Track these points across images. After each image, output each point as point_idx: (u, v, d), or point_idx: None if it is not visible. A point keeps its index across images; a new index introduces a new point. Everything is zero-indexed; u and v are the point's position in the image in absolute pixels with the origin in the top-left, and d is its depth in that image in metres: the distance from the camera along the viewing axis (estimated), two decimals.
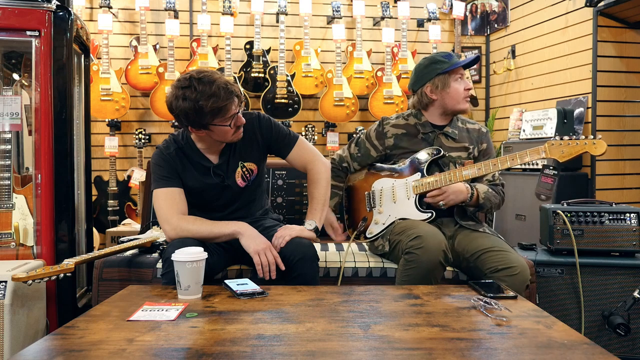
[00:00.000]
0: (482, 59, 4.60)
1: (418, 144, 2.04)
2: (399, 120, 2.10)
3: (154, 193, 1.78)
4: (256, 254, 1.66)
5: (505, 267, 1.72)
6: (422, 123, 2.06)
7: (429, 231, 1.77)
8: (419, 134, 2.05)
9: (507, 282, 1.66)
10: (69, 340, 1.09)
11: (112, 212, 3.89)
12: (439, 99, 2.01)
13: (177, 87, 1.68)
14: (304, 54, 4.07)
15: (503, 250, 1.78)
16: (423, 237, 1.74)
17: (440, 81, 1.98)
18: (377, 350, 1.03)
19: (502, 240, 1.88)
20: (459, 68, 1.99)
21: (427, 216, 1.94)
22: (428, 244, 1.72)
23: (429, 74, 2.00)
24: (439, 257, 1.71)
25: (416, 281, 1.71)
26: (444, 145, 2.02)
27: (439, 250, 1.72)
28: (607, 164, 3.33)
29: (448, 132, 2.04)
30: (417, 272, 1.72)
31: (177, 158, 1.82)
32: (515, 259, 1.74)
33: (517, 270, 1.71)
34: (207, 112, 1.64)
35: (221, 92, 1.65)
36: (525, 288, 1.75)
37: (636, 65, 3.37)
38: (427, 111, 2.07)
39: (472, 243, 1.86)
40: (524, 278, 1.72)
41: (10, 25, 2.05)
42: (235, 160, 1.86)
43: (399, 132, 2.07)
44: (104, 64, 3.83)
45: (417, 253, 1.72)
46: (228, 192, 1.86)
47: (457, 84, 1.99)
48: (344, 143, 4.25)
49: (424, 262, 1.70)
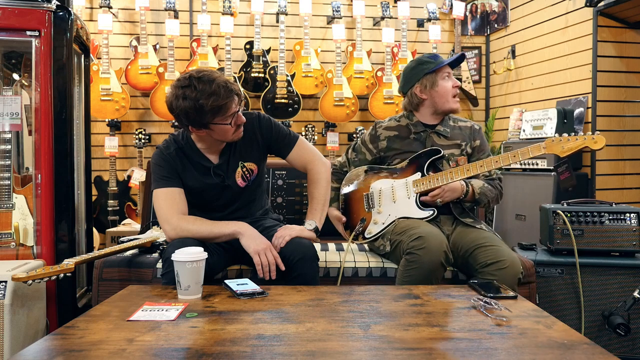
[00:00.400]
0: (482, 59, 4.60)
1: (410, 144, 2.07)
2: (391, 122, 2.14)
3: (154, 193, 1.78)
4: (256, 254, 1.66)
5: (494, 262, 1.72)
6: (413, 123, 2.09)
7: (431, 232, 1.78)
8: (411, 134, 2.08)
9: (497, 277, 1.67)
10: (69, 340, 1.09)
11: (112, 212, 3.89)
12: (428, 98, 2.05)
13: (177, 87, 1.68)
14: (304, 54, 4.07)
15: (493, 245, 1.79)
16: (425, 238, 1.74)
17: (429, 80, 2.03)
18: (377, 350, 1.03)
19: (496, 236, 1.88)
20: (445, 67, 2.05)
21: (428, 214, 1.95)
22: (430, 245, 1.72)
23: (417, 75, 2.05)
24: (440, 258, 1.71)
25: (417, 281, 1.71)
26: (436, 143, 2.05)
27: (441, 251, 1.72)
28: (607, 164, 3.33)
29: (440, 131, 2.07)
30: (418, 273, 1.72)
31: (177, 158, 1.82)
32: (504, 252, 1.74)
33: (506, 264, 1.71)
34: (207, 110, 1.64)
35: (221, 91, 1.65)
36: (518, 282, 1.74)
37: (636, 65, 3.37)
38: (418, 112, 2.11)
39: (466, 239, 1.87)
40: (514, 272, 1.71)
41: (10, 25, 2.05)
42: (235, 160, 1.86)
43: (391, 134, 2.10)
44: (104, 64, 3.83)
45: (418, 253, 1.72)
46: (228, 192, 1.87)
47: (444, 82, 2.04)
48: (344, 143, 4.25)
49: (425, 263, 1.71)
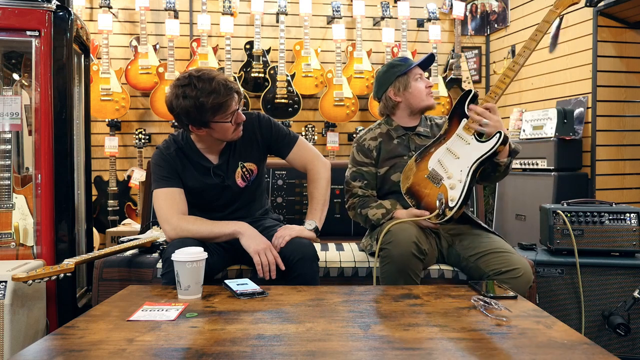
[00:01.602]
0: (482, 59, 4.60)
1: (396, 148, 2.06)
2: (371, 133, 2.12)
3: (154, 193, 1.78)
4: (256, 254, 1.66)
5: (508, 270, 1.72)
6: (393, 128, 2.09)
7: (400, 227, 1.78)
8: (394, 139, 2.08)
9: (511, 285, 1.66)
10: (69, 340, 1.09)
11: (112, 212, 3.89)
12: (403, 100, 2.06)
13: (176, 86, 1.68)
14: (304, 54, 4.07)
15: (505, 251, 1.78)
16: (392, 232, 1.75)
17: (401, 83, 2.04)
18: (377, 350, 1.03)
19: (504, 241, 1.87)
20: (416, 68, 2.06)
21: (495, 140, 1.77)
22: (397, 238, 1.73)
23: (389, 78, 2.06)
24: (410, 249, 1.71)
25: (393, 277, 1.72)
26: (419, 145, 2.04)
27: (409, 242, 1.71)
28: (607, 164, 3.33)
29: (420, 132, 2.08)
30: (391, 267, 1.72)
31: (177, 158, 1.82)
32: (518, 260, 1.74)
33: (521, 272, 1.71)
34: (208, 108, 1.65)
35: (221, 89, 1.65)
36: (528, 289, 1.75)
37: (636, 65, 3.37)
38: (395, 115, 2.11)
39: (474, 243, 1.85)
40: (527, 280, 1.72)
41: (10, 25, 2.05)
42: (235, 161, 1.86)
43: (377, 142, 2.08)
44: (104, 64, 3.83)
45: (388, 248, 1.74)
46: (228, 192, 1.87)
47: (417, 83, 2.05)
48: (344, 143, 4.25)
49: (395, 256, 1.71)
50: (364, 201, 2.05)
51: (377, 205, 2.00)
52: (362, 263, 1.96)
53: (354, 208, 2.07)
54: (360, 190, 2.06)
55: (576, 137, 3.34)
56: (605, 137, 3.33)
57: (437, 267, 1.92)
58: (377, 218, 1.97)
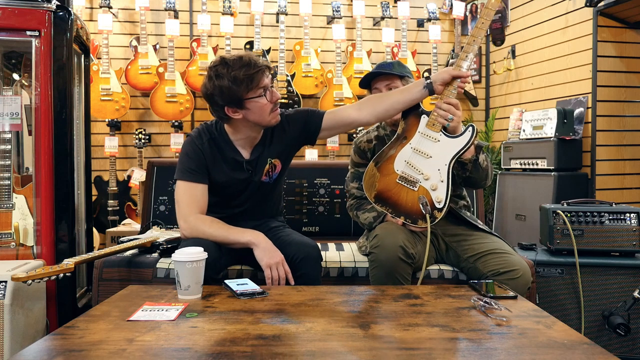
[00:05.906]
0: (482, 59, 4.60)
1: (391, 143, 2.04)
2: (368, 135, 2.11)
3: (177, 183, 1.78)
4: (268, 268, 1.65)
5: (507, 270, 1.71)
6: (388, 132, 2.07)
7: (388, 229, 1.78)
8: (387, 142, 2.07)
9: (510, 285, 1.66)
10: (69, 340, 1.09)
11: (112, 212, 3.89)
12: None
13: (209, 69, 1.73)
14: (304, 54, 4.07)
15: (504, 252, 1.77)
16: (379, 237, 1.75)
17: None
18: (377, 350, 1.03)
19: (503, 241, 1.87)
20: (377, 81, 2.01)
21: (468, 135, 1.75)
22: (384, 242, 1.73)
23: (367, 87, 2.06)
24: (397, 254, 1.70)
25: (381, 280, 1.72)
26: None
27: (396, 247, 1.71)
28: (607, 164, 3.33)
29: None
30: (379, 271, 1.73)
31: (208, 149, 1.80)
32: (517, 261, 1.74)
33: (519, 273, 1.71)
34: (240, 80, 1.66)
35: (252, 62, 1.69)
36: (527, 290, 1.75)
37: (636, 65, 3.37)
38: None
39: (472, 244, 1.85)
40: (526, 281, 1.72)
41: (10, 25, 2.06)
42: (265, 157, 1.85)
43: (371, 145, 2.07)
44: (104, 64, 3.83)
45: (375, 252, 1.74)
46: (250, 187, 1.86)
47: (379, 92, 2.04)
48: (344, 143, 4.25)
49: (382, 260, 1.72)
50: (360, 203, 2.06)
51: (370, 209, 1.99)
52: (362, 263, 1.96)
53: (351, 209, 2.09)
54: (357, 191, 2.08)
55: (576, 137, 3.34)
56: (605, 137, 3.33)
57: (437, 267, 1.92)
58: (368, 222, 1.97)
